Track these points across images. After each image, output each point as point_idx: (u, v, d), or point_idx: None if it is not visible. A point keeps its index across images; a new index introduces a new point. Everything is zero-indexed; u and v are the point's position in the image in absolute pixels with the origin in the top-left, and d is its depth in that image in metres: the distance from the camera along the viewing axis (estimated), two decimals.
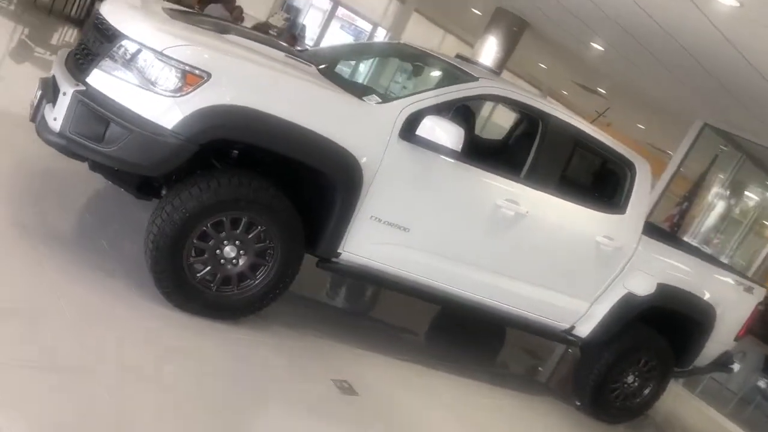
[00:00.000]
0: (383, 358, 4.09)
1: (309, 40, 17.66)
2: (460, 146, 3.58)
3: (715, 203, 10.99)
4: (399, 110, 3.61)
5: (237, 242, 3.38)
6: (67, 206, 4.09)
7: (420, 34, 20.19)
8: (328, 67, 4.30)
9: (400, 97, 3.69)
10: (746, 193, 11.91)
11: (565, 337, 4.67)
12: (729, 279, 5.09)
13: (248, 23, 13.66)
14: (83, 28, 3.66)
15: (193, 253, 3.32)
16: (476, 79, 3.96)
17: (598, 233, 4.38)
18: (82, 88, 3.18)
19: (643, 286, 4.58)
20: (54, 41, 8.76)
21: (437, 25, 19.94)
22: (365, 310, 5.15)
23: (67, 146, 3.21)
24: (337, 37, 19.99)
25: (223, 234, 3.34)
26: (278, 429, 3.02)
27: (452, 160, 3.72)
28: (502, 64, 8.00)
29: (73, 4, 9.99)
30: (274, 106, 3.22)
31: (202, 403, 2.86)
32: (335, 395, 3.42)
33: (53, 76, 3.49)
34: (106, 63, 3.20)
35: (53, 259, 3.31)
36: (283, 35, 13.63)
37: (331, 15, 19.44)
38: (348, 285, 5.09)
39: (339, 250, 3.68)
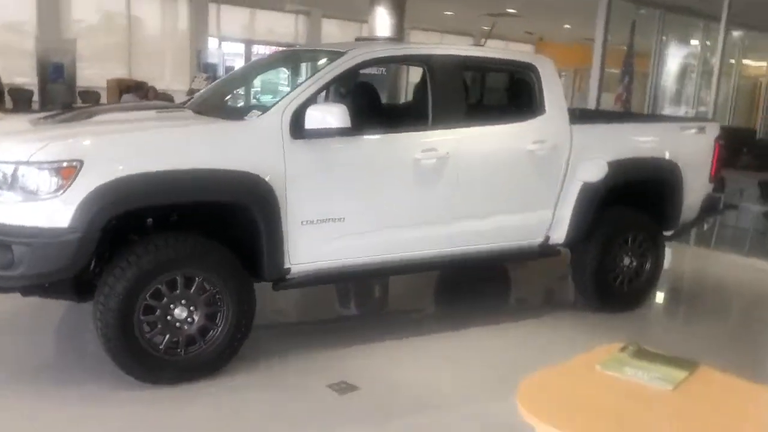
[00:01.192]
0: (367, 346, 4.07)
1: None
2: (348, 121, 3.58)
3: (664, 64, 10.91)
4: (280, 114, 3.61)
5: (183, 301, 3.40)
6: (32, 341, 4.12)
7: (338, 35, 20.26)
8: (208, 104, 4.32)
9: (277, 102, 3.70)
10: (689, 42, 11.82)
11: (544, 250, 4.65)
12: (675, 128, 5.05)
13: (180, 97, 13.77)
14: None
15: (147, 328, 3.34)
16: (344, 53, 3.96)
17: (528, 142, 4.36)
18: None
19: (593, 171, 4.55)
20: None
21: (350, 20, 19.97)
22: (324, 312, 5.12)
23: None
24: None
25: (165, 300, 3.36)
26: None
27: (351, 137, 3.72)
28: (400, 27, 8.03)
29: None
30: (153, 163, 3.24)
31: None
32: (336, 399, 3.43)
33: None
34: None
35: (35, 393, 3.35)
36: None
37: (248, 55, 19.51)
38: (301, 296, 5.05)
39: (287, 266, 3.68)
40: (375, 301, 5.28)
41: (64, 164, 3.13)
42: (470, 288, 5.54)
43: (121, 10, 16.70)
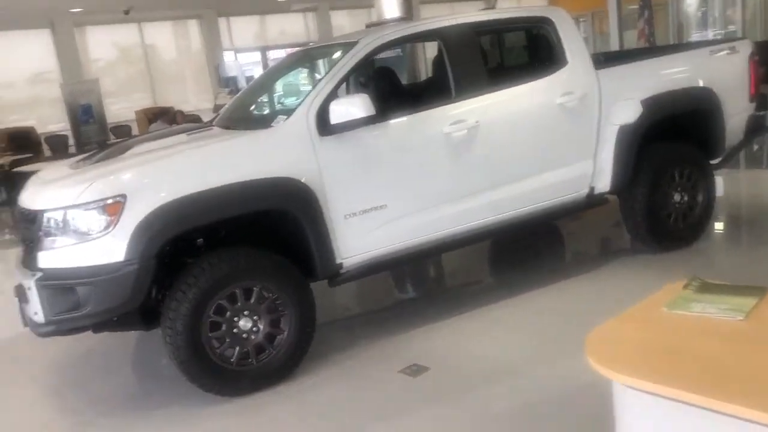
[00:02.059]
0: (434, 324, 4.10)
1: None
2: (372, 108, 3.58)
3: None
4: (305, 115, 3.65)
5: (246, 312, 3.48)
6: (107, 373, 4.27)
7: (349, 25, 20.20)
8: (234, 118, 4.39)
9: (300, 103, 3.72)
10: None
11: (591, 201, 4.58)
12: (704, 54, 4.90)
13: (207, 116, 13.97)
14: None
15: (216, 344, 3.43)
16: (356, 42, 3.96)
17: (556, 96, 4.30)
18: (39, 274, 3.34)
19: (628, 113, 4.46)
20: None
21: (358, 8, 19.88)
22: (381, 300, 5.14)
23: (58, 329, 3.37)
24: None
25: (229, 314, 3.44)
26: None
27: (377, 124, 3.72)
28: (409, 5, 7.95)
29: None
30: (192, 185, 3.31)
31: None
32: (411, 382, 3.47)
33: (20, 281, 3.68)
34: (44, 241, 3.36)
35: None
36: None
37: (265, 62, 19.62)
38: (355, 287, 5.07)
39: (338, 262, 3.73)
40: (430, 281, 5.29)
41: (109, 201, 3.23)
42: (523, 251, 5.50)
43: (135, 41, 16.98)
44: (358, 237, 3.76)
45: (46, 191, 3.49)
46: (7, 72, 14.91)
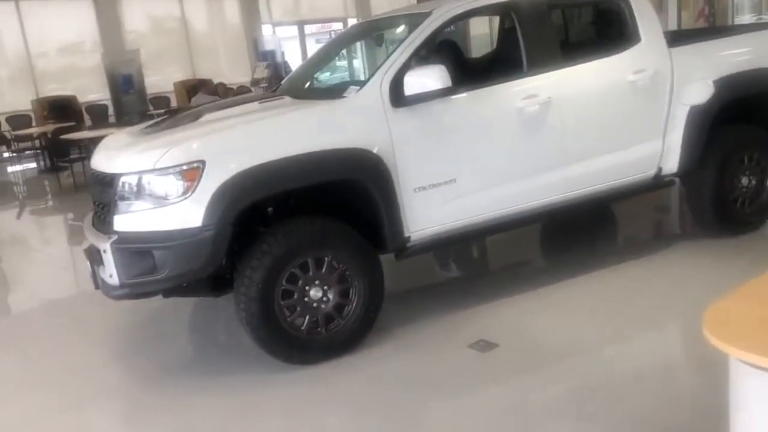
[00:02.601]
0: (500, 301, 4.08)
1: None
2: (449, 80, 3.54)
3: None
4: (378, 86, 3.61)
5: (316, 282, 3.48)
6: (174, 337, 4.32)
7: (386, 2, 20.01)
8: (300, 88, 4.36)
9: (373, 74, 3.69)
10: None
11: (658, 181, 4.50)
12: None
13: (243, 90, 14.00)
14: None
15: (287, 313, 3.44)
16: (429, 13, 3.90)
17: (628, 73, 4.22)
18: (114, 237, 3.37)
19: (700, 93, 4.36)
20: (83, 211, 9.25)
21: None
22: (443, 275, 5.14)
23: (132, 291, 3.41)
24: None
25: (300, 283, 3.45)
26: (455, 418, 3.03)
27: (450, 97, 3.68)
28: None
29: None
30: (269, 153, 3.31)
31: None
32: (480, 358, 3.45)
33: (91, 243, 3.72)
34: (120, 205, 3.38)
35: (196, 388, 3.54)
36: (272, 81, 13.88)
37: (302, 37, 19.56)
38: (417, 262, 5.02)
39: (406, 235, 3.71)
40: (487, 259, 5.25)
41: (188, 167, 3.23)
42: (575, 234, 5.43)
43: (174, 14, 17.00)
44: (427, 211, 3.73)
45: (124, 155, 3.51)
46: (48, 41, 15.03)
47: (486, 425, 2.89)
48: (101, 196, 3.59)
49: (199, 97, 10.87)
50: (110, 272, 3.39)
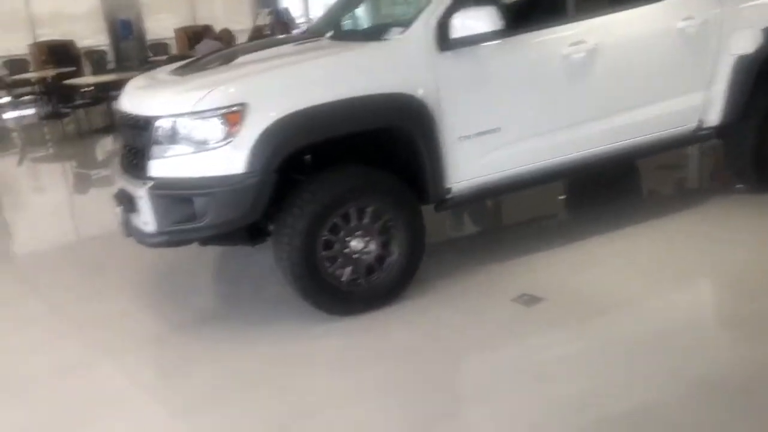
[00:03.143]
0: (539, 255, 4.00)
1: (299, 18, 17.43)
2: (499, 23, 3.37)
3: None
4: (423, 27, 3.44)
5: (358, 232, 3.38)
6: (203, 287, 4.23)
7: None
8: (335, 31, 4.18)
9: (419, 15, 3.50)
10: None
11: (699, 134, 4.37)
12: None
13: (243, 38, 13.65)
14: (116, 131, 3.78)
15: (328, 264, 3.35)
16: None
17: (677, 20, 4.05)
18: (150, 183, 3.24)
19: (748, 42, 4.19)
20: (100, 157, 9.11)
21: None
22: (481, 228, 5.05)
23: (170, 239, 3.30)
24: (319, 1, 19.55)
25: (342, 233, 3.34)
26: (505, 371, 2.96)
27: (498, 41, 3.51)
28: None
29: (95, 118, 10.31)
30: (315, 96, 3.16)
31: (419, 391, 2.90)
32: (524, 312, 3.38)
33: (120, 188, 3.59)
34: (156, 149, 3.24)
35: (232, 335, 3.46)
36: (276, 28, 13.53)
37: None
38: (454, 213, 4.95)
39: (447, 186, 3.59)
40: (523, 212, 5.10)
41: (230, 109, 3.08)
42: (602, 187, 5.31)
43: None
44: (470, 161, 3.61)
45: (160, 97, 3.35)
46: None
47: (537, 378, 2.83)
48: (134, 140, 3.44)
49: (204, 43, 10.57)
50: (146, 219, 3.28)
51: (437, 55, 3.43)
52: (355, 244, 3.38)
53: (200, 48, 10.34)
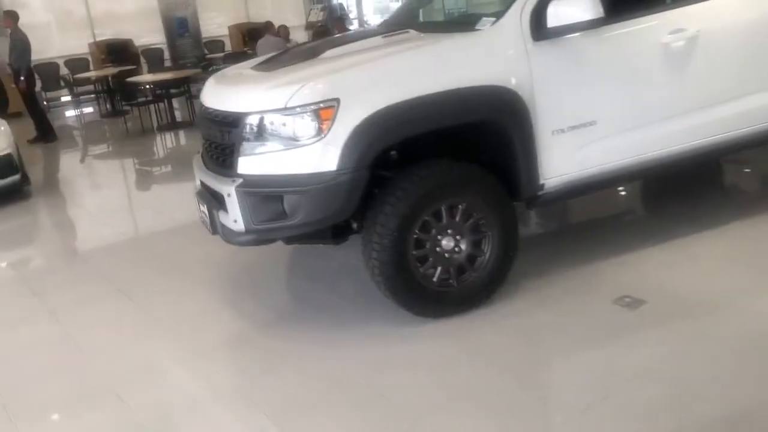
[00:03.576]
0: (631, 253, 3.81)
1: (354, 15, 17.37)
2: (601, 10, 3.19)
3: None
4: (518, 17, 3.29)
5: (449, 231, 3.25)
6: (281, 285, 4.17)
7: None
8: (420, 22, 4.06)
9: (512, 3, 3.35)
10: None
11: None
12: None
13: (297, 34, 13.66)
14: (198, 126, 3.74)
15: (419, 264, 3.23)
16: None
17: None
18: (240, 180, 3.18)
19: None
20: (161, 154, 9.19)
21: None
22: (569, 222, 4.85)
23: (259, 237, 3.23)
24: None
25: (433, 231, 3.22)
26: (601, 373, 2.82)
27: (594, 30, 3.33)
28: None
29: (154, 116, 10.41)
30: (408, 90, 3.05)
31: (511, 382, 2.77)
32: (627, 314, 3.21)
33: (204, 186, 3.54)
34: (245, 146, 3.17)
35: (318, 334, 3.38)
36: (331, 24, 13.50)
37: None
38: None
39: (540, 183, 3.43)
40: (606, 208, 4.87)
41: (322, 105, 2.99)
42: (685, 184, 5.05)
43: None
44: (564, 156, 3.44)
45: (250, 93, 3.28)
46: None
47: (649, 385, 2.66)
48: (220, 136, 3.38)
49: (266, 39, 10.60)
50: (235, 217, 3.21)
51: (532, 45, 3.28)
52: (446, 243, 3.26)
53: (261, 44, 10.37)
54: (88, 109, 12.82)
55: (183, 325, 3.67)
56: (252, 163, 3.17)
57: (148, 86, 10.16)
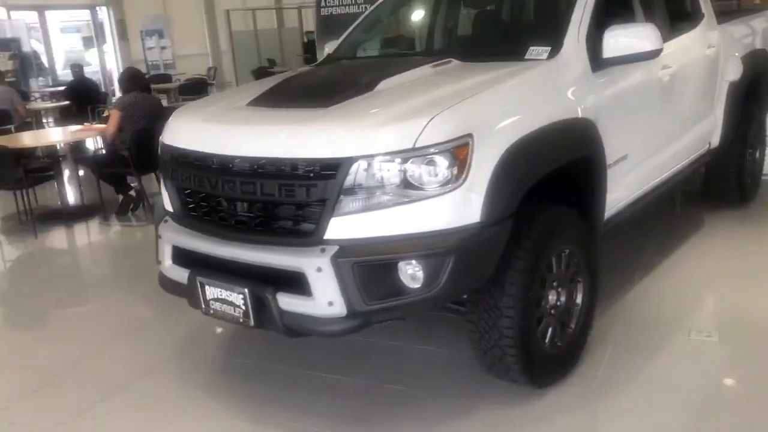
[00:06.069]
0: (687, 284, 3.80)
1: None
2: (661, 41, 3.11)
3: None
4: (575, 45, 3.05)
5: (554, 283, 2.83)
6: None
7: None
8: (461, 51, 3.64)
9: (560, 31, 3.08)
10: None
11: (705, 158, 4.51)
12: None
13: None
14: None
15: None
16: None
17: (705, 48, 4.25)
18: (335, 248, 2.34)
19: (734, 70, 4.52)
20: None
21: None
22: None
23: (369, 320, 2.42)
24: None
25: (546, 285, 2.77)
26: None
27: (642, 61, 3.23)
28: None
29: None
30: (528, 123, 2.61)
31: None
32: (709, 346, 3.14)
33: (223, 262, 2.56)
34: (343, 203, 2.35)
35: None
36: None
37: (44, 25, 16.64)
38: None
39: (606, 218, 3.22)
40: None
41: (458, 143, 2.36)
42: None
43: None
44: (615, 187, 3.26)
45: (346, 132, 2.42)
46: None
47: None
48: (277, 193, 2.45)
49: None
50: (329, 299, 2.35)
51: (592, 79, 3.07)
52: (551, 298, 2.83)
53: None
54: None
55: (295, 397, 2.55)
56: (351, 224, 2.37)
57: None
